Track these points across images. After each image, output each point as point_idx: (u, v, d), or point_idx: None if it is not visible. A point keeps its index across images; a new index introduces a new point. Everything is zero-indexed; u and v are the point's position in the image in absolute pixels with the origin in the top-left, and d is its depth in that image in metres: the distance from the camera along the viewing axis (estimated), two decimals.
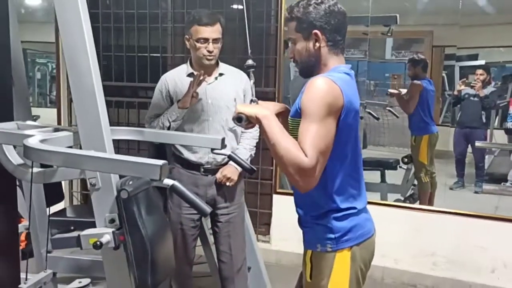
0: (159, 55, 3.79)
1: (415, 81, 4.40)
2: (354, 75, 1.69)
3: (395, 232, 3.39)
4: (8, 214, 2.14)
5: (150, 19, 3.76)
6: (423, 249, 3.36)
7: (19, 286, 1.94)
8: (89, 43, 1.80)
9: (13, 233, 2.16)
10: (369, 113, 4.78)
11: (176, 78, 2.46)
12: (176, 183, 1.54)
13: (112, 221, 1.79)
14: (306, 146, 1.44)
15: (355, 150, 1.63)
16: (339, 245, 1.59)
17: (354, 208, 1.62)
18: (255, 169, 2.33)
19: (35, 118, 4.31)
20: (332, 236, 1.58)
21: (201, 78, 2.30)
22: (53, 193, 2.73)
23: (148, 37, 3.80)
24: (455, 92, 4.52)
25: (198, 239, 2.69)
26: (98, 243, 1.73)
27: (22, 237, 2.89)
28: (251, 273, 2.74)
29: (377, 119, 4.88)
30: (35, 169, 1.85)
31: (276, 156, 1.48)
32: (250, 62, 2.29)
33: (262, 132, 1.52)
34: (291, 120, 1.61)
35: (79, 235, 1.81)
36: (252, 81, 2.36)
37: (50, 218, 2.39)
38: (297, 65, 1.69)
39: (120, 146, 3.51)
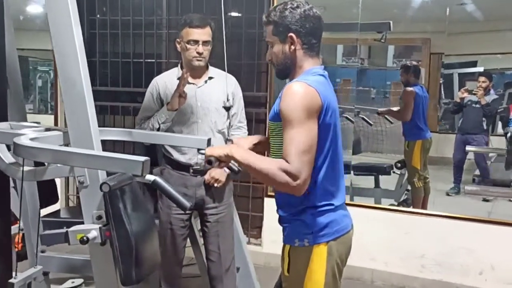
0: (154, 60, 3.87)
1: (408, 88, 4.48)
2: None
3: (385, 235, 3.45)
4: (1, 213, 2.20)
5: (146, 25, 3.84)
6: (412, 252, 3.41)
7: (9, 280, 1.99)
8: (79, 48, 1.87)
9: (5, 232, 2.23)
10: (363, 118, 4.84)
11: (166, 81, 2.53)
12: (158, 178, 1.60)
13: (99, 217, 1.85)
14: (290, 154, 1.53)
15: (334, 149, 1.69)
16: (316, 240, 1.64)
17: (331, 204, 1.67)
18: (241, 169, 2.39)
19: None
20: (309, 231, 1.64)
21: (185, 76, 2.37)
22: (48, 194, 2.80)
23: (143, 44, 3.88)
24: (458, 99, 4.57)
25: (188, 240, 2.75)
26: (84, 238, 1.79)
27: (19, 239, 2.96)
28: (239, 273, 2.79)
29: (370, 124, 4.95)
30: (27, 168, 1.91)
31: (264, 179, 1.58)
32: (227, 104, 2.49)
33: (241, 165, 1.62)
34: (270, 123, 1.69)
35: (67, 231, 1.87)
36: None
37: (44, 219, 2.46)
38: (274, 67, 1.77)
39: (115, 149, 3.57)
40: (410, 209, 3.78)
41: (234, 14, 3.68)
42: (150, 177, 1.58)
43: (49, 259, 2.59)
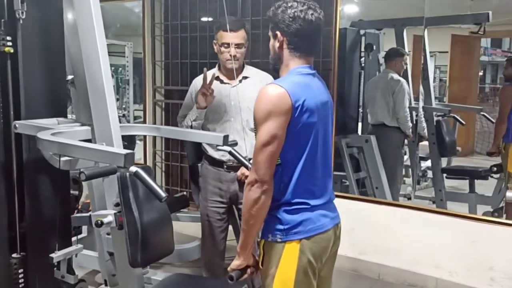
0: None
1: (506, 86, 4.11)
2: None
3: (451, 242, 3.22)
4: (62, 199, 2.54)
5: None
6: (480, 263, 3.13)
7: (50, 255, 2.30)
8: (101, 51, 2.10)
9: (66, 213, 2.55)
10: (454, 117, 4.53)
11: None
12: (139, 170, 1.73)
13: (117, 204, 2.06)
14: (253, 155, 1.62)
15: (314, 148, 1.68)
16: (288, 237, 1.66)
17: (307, 204, 1.68)
18: None
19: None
20: (282, 227, 1.67)
21: (206, 76, 2.49)
22: None
23: None
24: None
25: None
26: (99, 222, 2.01)
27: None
28: None
29: (463, 124, 4.61)
30: (64, 158, 2.18)
31: (253, 217, 1.66)
32: None
33: (247, 244, 1.73)
34: (254, 124, 1.74)
35: (90, 215, 2.12)
36: None
37: None
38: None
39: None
40: (479, 216, 3.45)
41: None
42: (132, 169, 1.72)
43: None
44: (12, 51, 2.26)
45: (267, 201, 1.62)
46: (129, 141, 4.94)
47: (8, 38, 2.24)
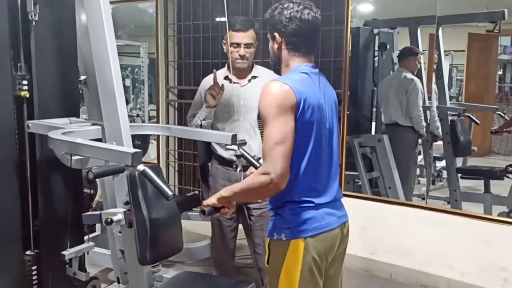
0: None
1: None
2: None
3: (463, 243, 3.19)
4: (75, 198, 2.59)
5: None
6: (493, 263, 3.09)
7: (62, 252, 2.35)
8: (111, 52, 2.14)
9: (78, 211, 2.59)
10: (469, 117, 4.48)
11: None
12: (147, 169, 1.76)
13: (126, 203, 2.09)
14: (264, 152, 1.60)
15: (318, 146, 1.69)
16: (293, 235, 1.67)
17: (312, 202, 1.68)
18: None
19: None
20: (286, 226, 1.67)
21: (215, 75, 2.52)
22: None
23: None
24: None
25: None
26: (109, 220, 2.04)
27: None
28: None
29: (477, 123, 4.55)
30: (76, 157, 2.22)
31: (248, 195, 1.70)
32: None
33: (230, 198, 1.72)
34: (258, 121, 1.75)
35: (100, 213, 2.15)
36: None
37: None
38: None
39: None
40: (492, 216, 3.41)
41: None
42: (140, 167, 1.75)
43: None
44: (28, 95, 2.31)
45: (272, 195, 1.64)
46: (143, 140, 5.00)
47: (24, 82, 2.30)
